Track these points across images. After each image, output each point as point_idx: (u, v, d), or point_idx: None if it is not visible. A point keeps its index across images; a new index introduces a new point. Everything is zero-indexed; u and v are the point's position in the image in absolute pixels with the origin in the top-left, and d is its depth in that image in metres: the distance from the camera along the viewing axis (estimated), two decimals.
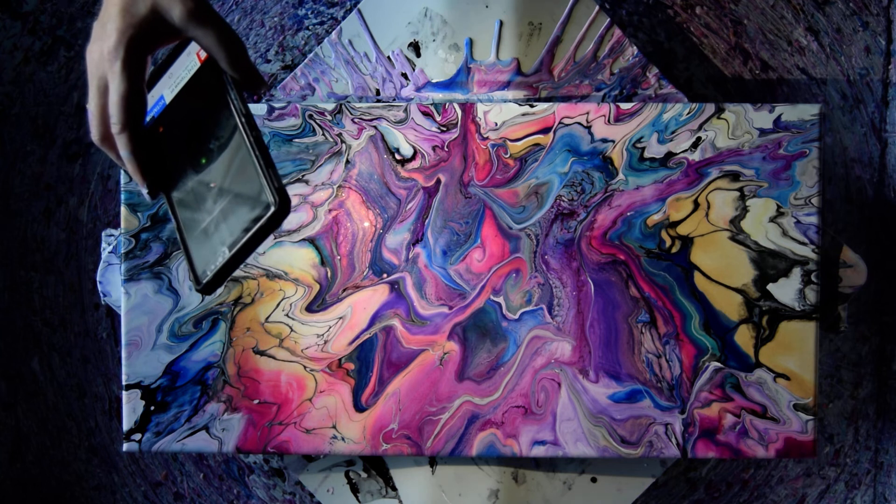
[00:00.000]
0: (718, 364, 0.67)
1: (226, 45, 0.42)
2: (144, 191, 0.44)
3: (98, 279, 0.71)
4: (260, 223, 0.38)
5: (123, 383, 0.69)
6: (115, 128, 0.42)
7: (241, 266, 0.68)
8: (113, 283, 0.71)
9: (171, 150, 0.43)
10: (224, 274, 0.39)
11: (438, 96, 0.73)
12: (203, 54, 0.43)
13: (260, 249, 0.69)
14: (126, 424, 0.69)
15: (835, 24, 0.84)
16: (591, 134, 0.68)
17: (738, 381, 0.67)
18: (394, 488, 0.74)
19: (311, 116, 0.69)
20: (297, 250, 0.69)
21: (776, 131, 0.67)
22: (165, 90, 0.45)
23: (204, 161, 0.41)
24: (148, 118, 0.45)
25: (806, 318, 0.67)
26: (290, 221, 0.69)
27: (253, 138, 0.39)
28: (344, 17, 0.84)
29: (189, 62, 0.44)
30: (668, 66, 0.84)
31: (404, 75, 0.74)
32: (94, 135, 0.44)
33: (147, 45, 0.42)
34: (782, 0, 0.84)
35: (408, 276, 0.68)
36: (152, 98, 0.45)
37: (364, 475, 0.74)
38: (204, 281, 0.40)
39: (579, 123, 0.68)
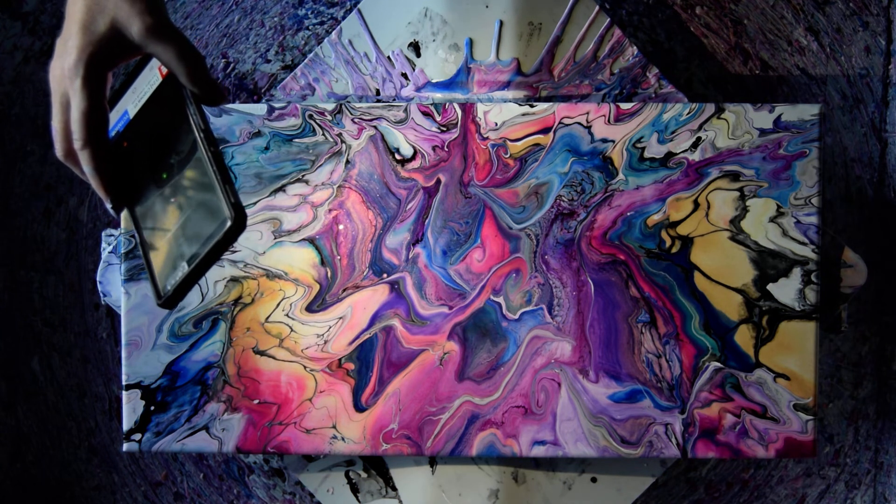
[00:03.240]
0: (718, 364, 0.67)
1: (185, 60, 0.42)
2: (109, 205, 0.44)
3: (98, 279, 0.71)
4: (216, 238, 0.38)
5: (123, 383, 0.69)
6: (77, 143, 0.42)
7: (241, 266, 0.69)
8: (113, 283, 0.71)
9: (135, 164, 0.44)
10: (184, 288, 0.40)
11: (438, 96, 0.73)
12: (165, 69, 0.44)
13: (259, 249, 0.69)
14: (126, 424, 0.69)
15: (835, 24, 0.84)
16: (591, 134, 0.68)
17: (738, 381, 0.67)
18: (394, 488, 0.74)
19: (311, 116, 0.69)
20: (297, 250, 0.69)
21: (776, 131, 0.67)
22: (129, 105, 0.45)
23: (165, 176, 0.42)
24: (112, 133, 0.45)
25: (806, 318, 0.67)
26: (291, 221, 0.69)
27: (211, 153, 0.40)
28: (344, 17, 0.84)
29: (152, 77, 0.44)
30: (668, 66, 0.84)
31: (404, 75, 0.74)
32: (58, 151, 0.44)
33: (107, 61, 0.42)
34: (782, 0, 0.84)
35: (408, 276, 0.68)
36: (117, 113, 0.46)
37: (364, 475, 0.74)
38: (165, 296, 0.40)
39: (579, 123, 0.68)
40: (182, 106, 0.42)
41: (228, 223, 0.38)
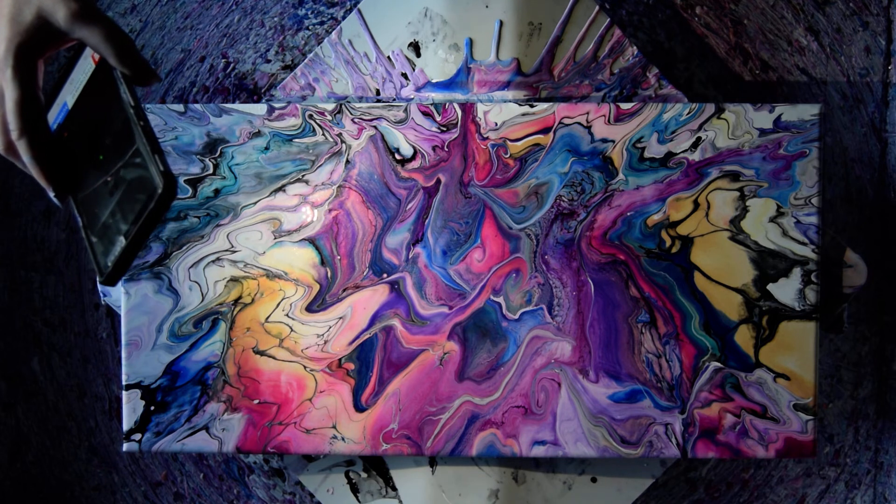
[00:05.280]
0: (718, 364, 0.67)
1: (112, 42, 0.42)
2: (51, 194, 0.45)
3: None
4: (149, 207, 0.39)
5: (123, 383, 0.69)
6: (13, 134, 0.43)
7: (241, 266, 0.69)
8: None
9: (76, 153, 0.45)
10: (124, 262, 0.41)
11: (438, 96, 0.73)
12: (97, 56, 0.44)
13: (259, 249, 0.69)
14: (126, 424, 0.69)
15: (835, 24, 0.84)
16: (591, 134, 0.68)
17: (738, 381, 0.67)
18: (394, 488, 0.74)
19: (311, 116, 0.69)
20: (297, 250, 0.69)
21: (776, 131, 0.67)
22: (68, 96, 0.46)
23: (102, 157, 0.43)
24: (54, 125, 0.46)
25: (806, 318, 0.67)
26: (291, 221, 0.69)
27: (141, 127, 0.41)
28: (344, 17, 0.84)
29: (86, 65, 0.45)
30: (668, 66, 0.84)
31: (404, 75, 0.74)
32: None
33: (36, 50, 0.43)
34: (782, 0, 0.84)
35: (408, 276, 0.68)
36: (57, 105, 0.46)
37: (364, 475, 0.74)
38: (106, 272, 0.41)
39: (579, 123, 0.68)
40: (114, 88, 0.43)
41: (159, 191, 0.39)
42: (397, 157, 0.68)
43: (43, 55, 0.44)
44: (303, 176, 0.69)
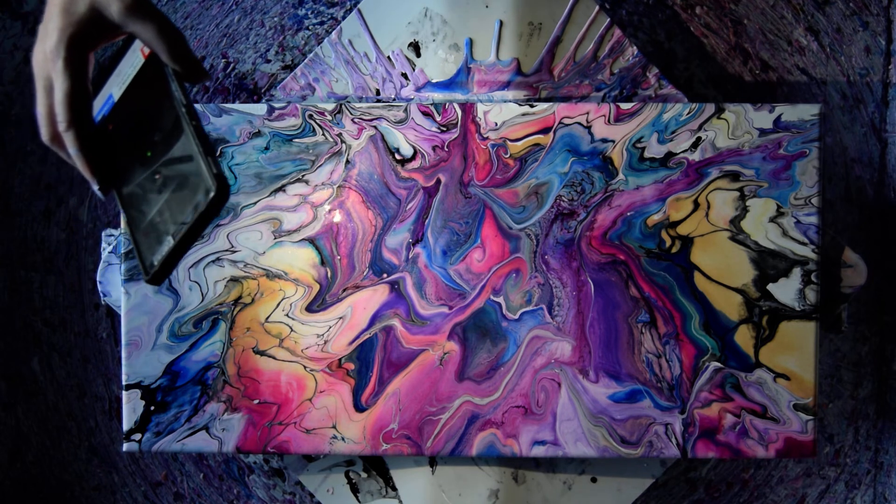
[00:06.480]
0: (718, 364, 0.67)
1: (165, 38, 0.42)
2: (95, 187, 0.44)
3: (98, 279, 0.71)
4: (200, 209, 0.39)
5: (123, 383, 0.69)
6: (61, 126, 0.43)
7: (241, 266, 0.69)
8: (113, 283, 0.71)
9: (121, 146, 0.44)
10: (170, 262, 0.40)
11: (438, 96, 0.73)
12: (147, 50, 0.44)
13: (259, 249, 0.69)
14: (126, 424, 0.69)
15: (835, 24, 0.84)
16: (591, 134, 0.68)
17: (738, 381, 0.67)
18: (394, 488, 0.74)
19: (311, 116, 0.69)
20: (297, 250, 0.69)
21: (776, 131, 0.67)
22: (114, 88, 0.45)
23: (150, 154, 0.42)
24: (98, 117, 0.45)
25: (806, 318, 0.67)
26: (291, 221, 0.69)
27: (193, 126, 0.40)
28: (344, 17, 0.84)
29: (134, 59, 0.45)
30: (668, 66, 0.84)
31: (404, 75, 0.74)
32: (44, 135, 0.44)
33: (88, 42, 0.42)
34: (782, 0, 0.84)
35: (408, 276, 0.68)
36: (102, 97, 0.46)
37: (364, 475, 0.74)
38: (152, 272, 0.40)
39: (579, 123, 0.68)
40: (165, 84, 0.42)
41: (211, 193, 0.38)
42: (397, 157, 0.68)
43: (94, 47, 0.43)
44: (303, 176, 0.68)
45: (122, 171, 0.44)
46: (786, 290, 0.67)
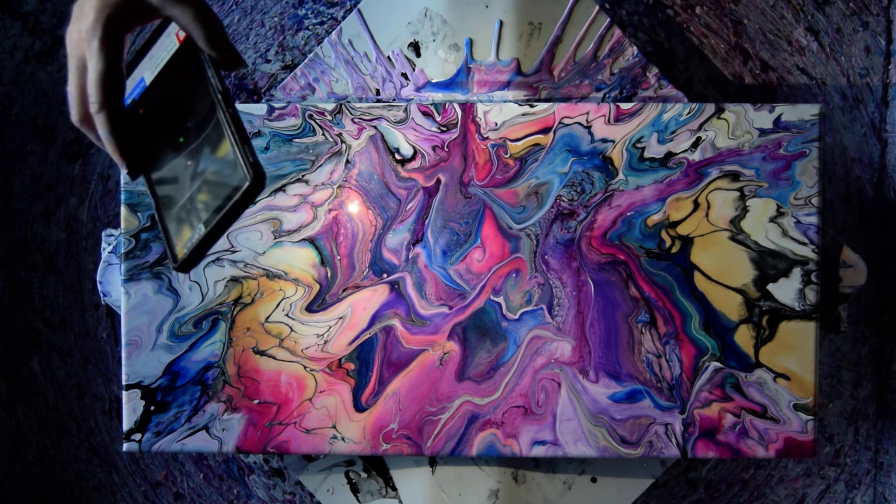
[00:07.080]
0: (718, 364, 0.67)
1: (203, 23, 0.41)
2: (124, 171, 0.44)
3: (98, 279, 0.71)
4: (234, 198, 0.38)
5: (123, 383, 0.69)
6: (93, 107, 0.42)
7: (241, 266, 0.69)
8: (113, 283, 0.71)
9: (151, 130, 0.43)
10: (201, 250, 0.39)
11: (438, 96, 0.73)
12: (182, 35, 0.43)
13: (259, 249, 0.69)
14: (126, 424, 0.69)
15: (835, 24, 0.84)
16: (591, 134, 0.68)
17: (738, 381, 0.67)
18: (394, 488, 0.74)
19: (311, 116, 0.69)
20: (297, 250, 0.69)
21: (776, 131, 0.67)
22: (146, 72, 0.45)
23: (182, 140, 0.42)
24: (129, 100, 0.45)
25: (806, 318, 0.67)
26: (291, 221, 0.69)
27: (229, 114, 0.39)
28: (344, 17, 0.84)
29: (168, 43, 0.44)
30: (668, 66, 0.84)
31: (404, 75, 0.74)
32: (74, 115, 0.44)
33: (124, 23, 0.42)
34: (782, 0, 0.84)
35: (408, 276, 0.68)
36: (133, 80, 0.45)
37: (364, 475, 0.74)
38: (181, 258, 0.40)
39: (579, 123, 0.68)
40: (199, 70, 0.42)
41: (247, 183, 0.37)
42: (397, 157, 0.68)
43: (130, 29, 0.43)
44: (303, 176, 0.68)
45: (152, 155, 0.43)
46: (786, 290, 0.67)
